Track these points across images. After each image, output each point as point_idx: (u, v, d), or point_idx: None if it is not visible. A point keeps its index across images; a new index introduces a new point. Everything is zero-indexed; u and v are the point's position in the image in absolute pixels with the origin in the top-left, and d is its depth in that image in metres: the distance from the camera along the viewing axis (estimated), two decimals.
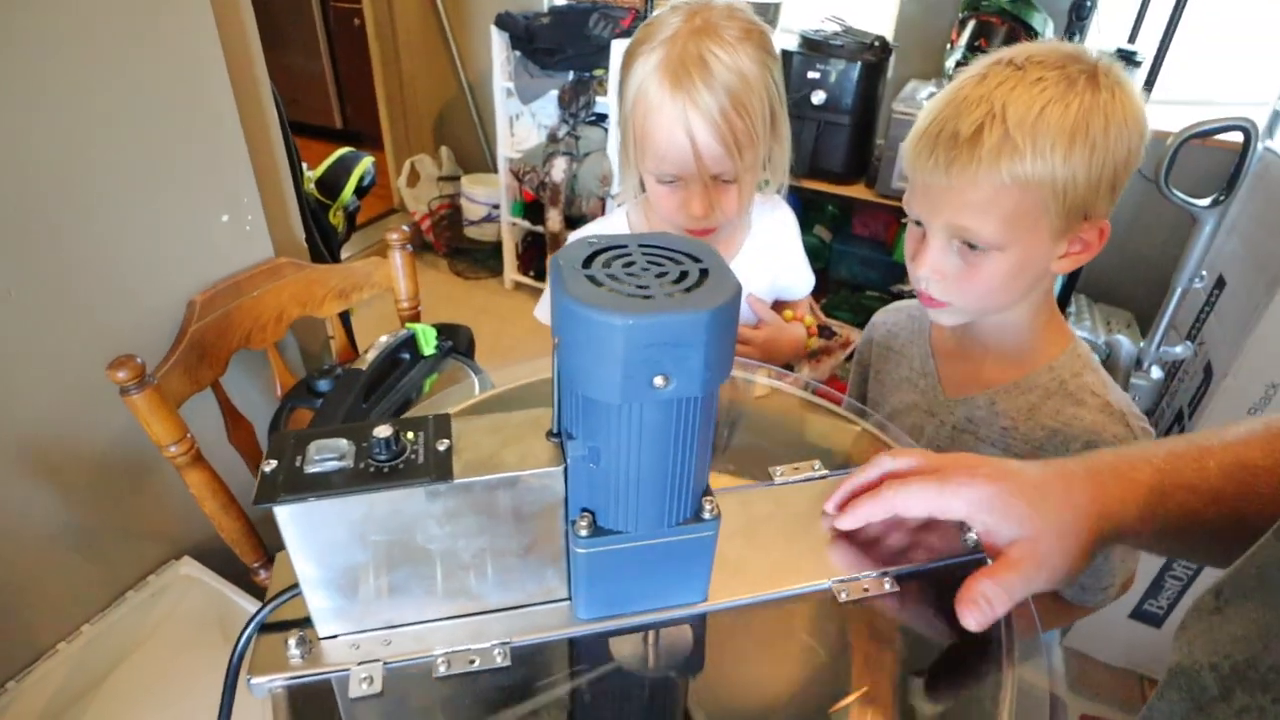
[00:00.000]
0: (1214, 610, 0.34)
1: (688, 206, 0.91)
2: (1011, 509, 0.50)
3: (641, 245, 0.43)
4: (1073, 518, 0.50)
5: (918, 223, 0.76)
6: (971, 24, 2.06)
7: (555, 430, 0.46)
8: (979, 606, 0.48)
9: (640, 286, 0.39)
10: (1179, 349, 1.70)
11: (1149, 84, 1.79)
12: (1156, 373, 1.74)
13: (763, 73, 0.87)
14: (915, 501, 0.53)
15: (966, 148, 0.68)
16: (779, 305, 1.16)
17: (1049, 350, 0.82)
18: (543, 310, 1.15)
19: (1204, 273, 1.63)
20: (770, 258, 1.08)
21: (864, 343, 1.02)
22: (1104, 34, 2.09)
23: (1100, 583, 0.81)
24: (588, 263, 0.41)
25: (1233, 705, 0.31)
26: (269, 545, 1.12)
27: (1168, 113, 1.96)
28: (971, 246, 0.72)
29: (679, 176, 0.90)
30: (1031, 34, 2.03)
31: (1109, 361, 1.78)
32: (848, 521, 0.56)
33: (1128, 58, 1.98)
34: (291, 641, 0.47)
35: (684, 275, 0.40)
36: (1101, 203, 0.71)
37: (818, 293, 2.56)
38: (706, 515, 0.47)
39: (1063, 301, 2.14)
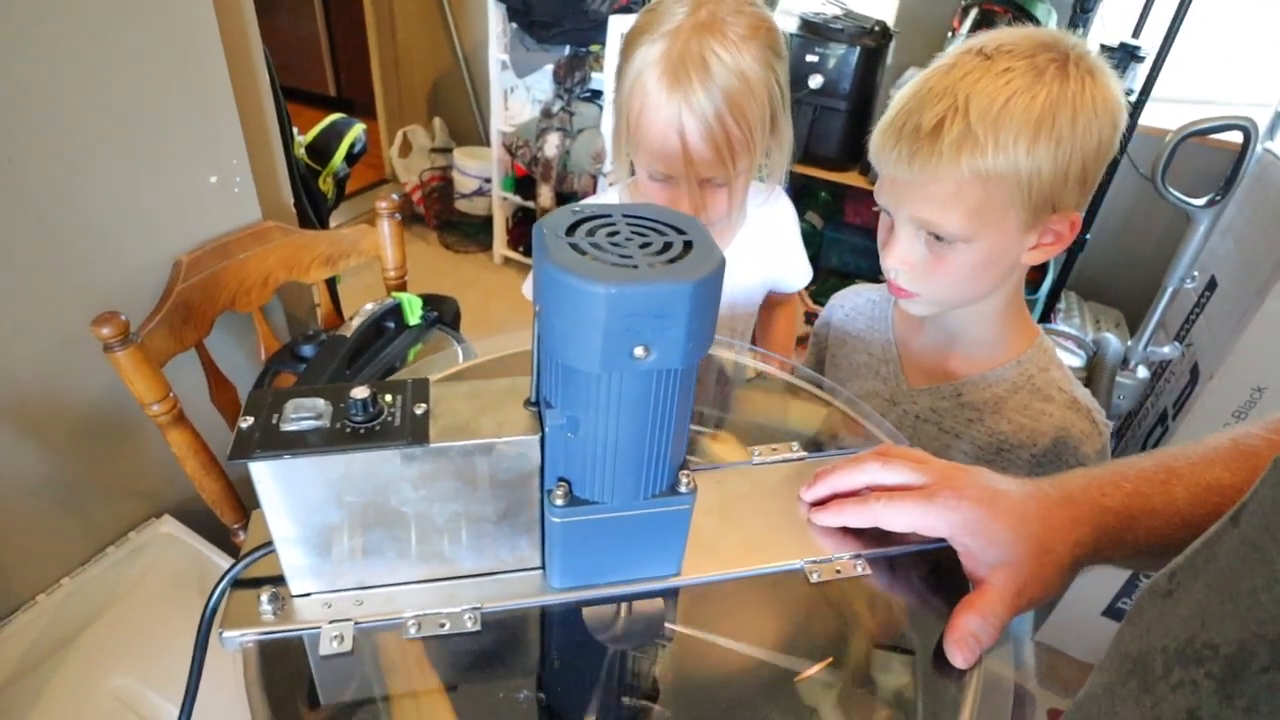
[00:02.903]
0: (1166, 594, 0.34)
1: (676, 206, 0.89)
2: (994, 534, 0.50)
3: (626, 215, 0.42)
4: (1051, 544, 0.50)
5: (887, 212, 0.76)
6: (974, 12, 2.04)
7: (533, 399, 0.46)
8: (968, 646, 0.49)
9: (624, 256, 0.39)
10: (1167, 349, 1.71)
11: (1151, 81, 1.79)
12: (1143, 372, 1.75)
13: (766, 74, 0.84)
14: (901, 518, 0.53)
15: (927, 141, 0.67)
16: (772, 298, 1.16)
17: (1016, 344, 0.82)
18: (530, 287, 1.13)
19: (1196, 273, 1.63)
20: (765, 251, 1.06)
21: (821, 324, 1.02)
22: (1108, 28, 2.08)
23: None
24: (571, 230, 0.41)
25: (1170, 680, 0.31)
26: (248, 506, 1.12)
27: (1168, 110, 1.96)
28: (938, 238, 0.71)
29: (669, 175, 0.88)
30: (1034, 25, 2.02)
31: (1095, 359, 1.79)
32: (827, 519, 0.57)
33: (1131, 53, 1.97)
34: (264, 598, 0.47)
35: (668, 246, 0.40)
36: (1070, 195, 0.69)
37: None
38: (682, 489, 0.47)
39: (1052, 298, 2.15)
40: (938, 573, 0.56)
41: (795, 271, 1.13)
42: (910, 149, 0.68)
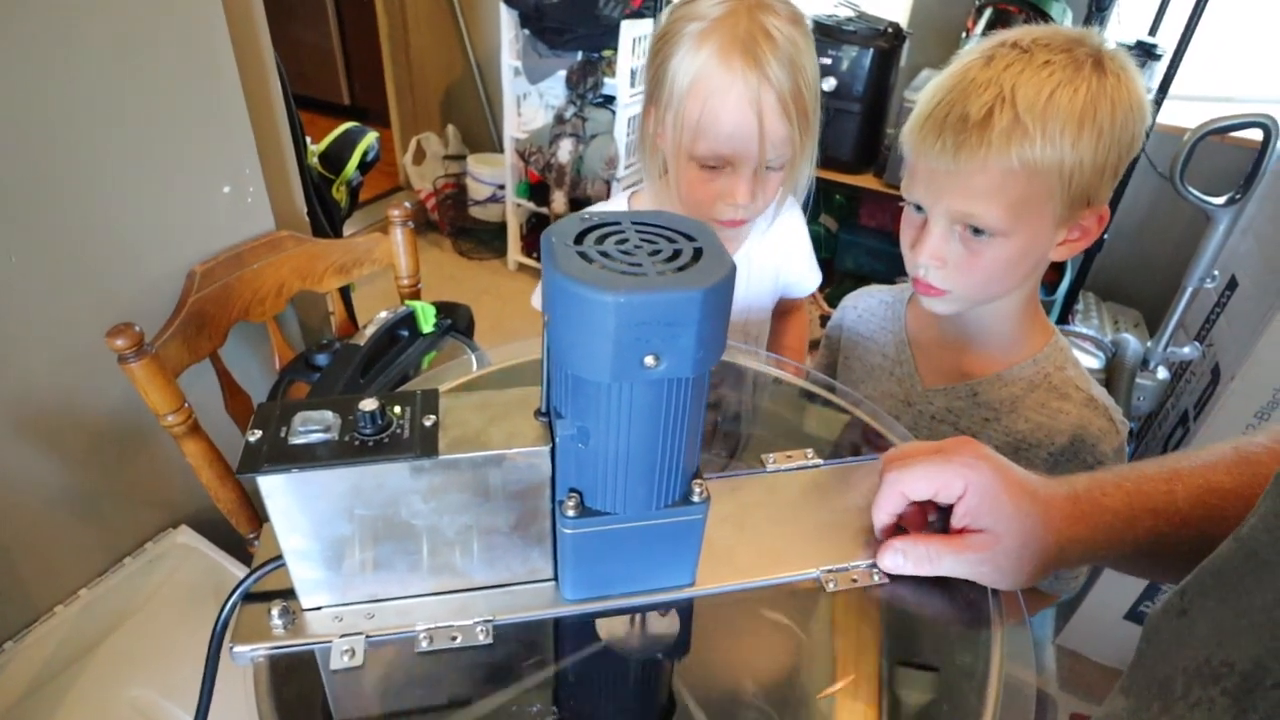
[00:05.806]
0: (1180, 612, 0.35)
1: (732, 193, 0.86)
2: (1001, 503, 0.50)
3: (635, 223, 0.42)
4: (1043, 536, 0.50)
5: (917, 208, 0.74)
6: (988, 12, 2.03)
7: (543, 409, 0.45)
8: (898, 556, 0.53)
9: (633, 264, 0.38)
10: (1187, 350, 1.69)
11: (1169, 78, 1.77)
12: (1163, 373, 1.73)
13: (813, 57, 0.85)
14: (920, 482, 0.53)
15: (976, 131, 0.67)
16: (783, 304, 1.15)
17: (1032, 342, 0.81)
18: (539, 298, 1.11)
19: (1216, 273, 1.61)
20: (775, 258, 1.06)
21: (834, 326, 1.01)
22: (1124, 26, 2.07)
23: (1072, 571, 0.82)
24: (580, 239, 0.40)
25: (1189, 700, 0.31)
26: (264, 516, 1.12)
27: (1186, 108, 1.93)
28: (975, 232, 0.70)
29: (731, 161, 0.85)
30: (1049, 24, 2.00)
31: (1114, 360, 1.76)
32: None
33: (1148, 51, 1.96)
34: (275, 612, 0.47)
35: (677, 254, 0.40)
36: (1104, 188, 0.70)
37: (823, 284, 2.55)
38: (696, 498, 0.47)
39: (1070, 299, 2.12)
40: (955, 580, 0.55)
41: (805, 276, 1.12)
42: (956, 139, 0.68)
